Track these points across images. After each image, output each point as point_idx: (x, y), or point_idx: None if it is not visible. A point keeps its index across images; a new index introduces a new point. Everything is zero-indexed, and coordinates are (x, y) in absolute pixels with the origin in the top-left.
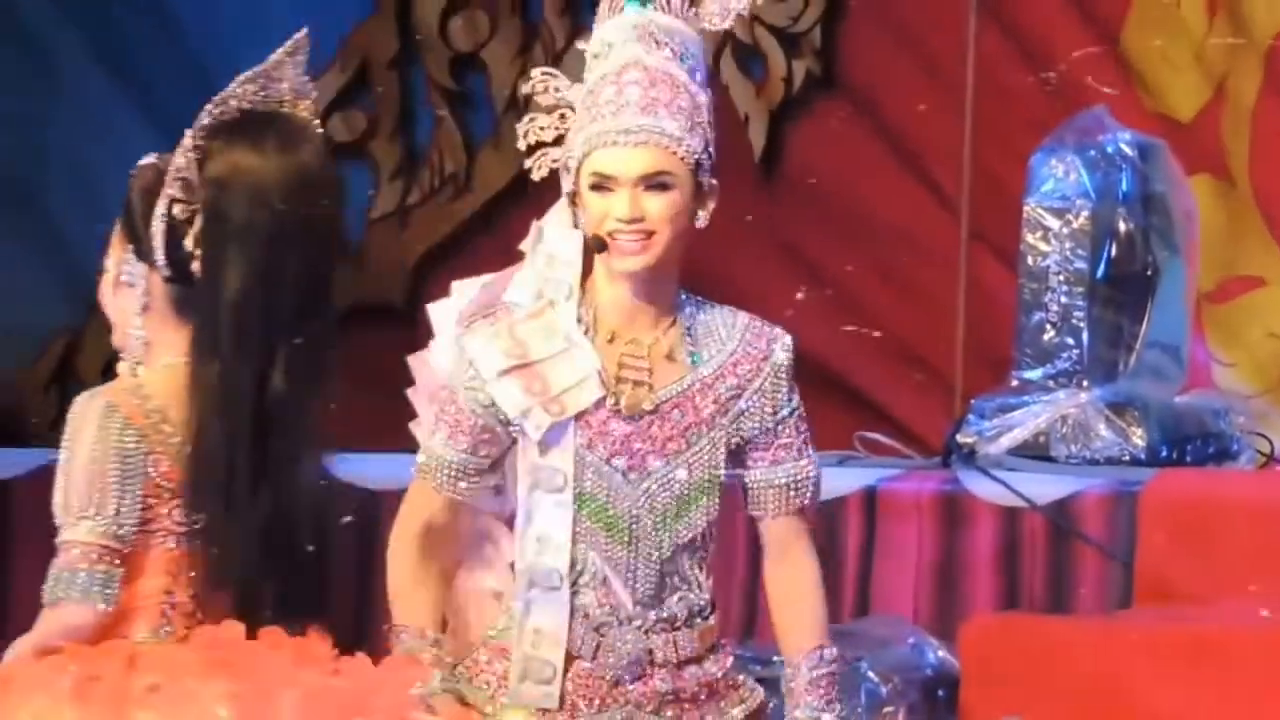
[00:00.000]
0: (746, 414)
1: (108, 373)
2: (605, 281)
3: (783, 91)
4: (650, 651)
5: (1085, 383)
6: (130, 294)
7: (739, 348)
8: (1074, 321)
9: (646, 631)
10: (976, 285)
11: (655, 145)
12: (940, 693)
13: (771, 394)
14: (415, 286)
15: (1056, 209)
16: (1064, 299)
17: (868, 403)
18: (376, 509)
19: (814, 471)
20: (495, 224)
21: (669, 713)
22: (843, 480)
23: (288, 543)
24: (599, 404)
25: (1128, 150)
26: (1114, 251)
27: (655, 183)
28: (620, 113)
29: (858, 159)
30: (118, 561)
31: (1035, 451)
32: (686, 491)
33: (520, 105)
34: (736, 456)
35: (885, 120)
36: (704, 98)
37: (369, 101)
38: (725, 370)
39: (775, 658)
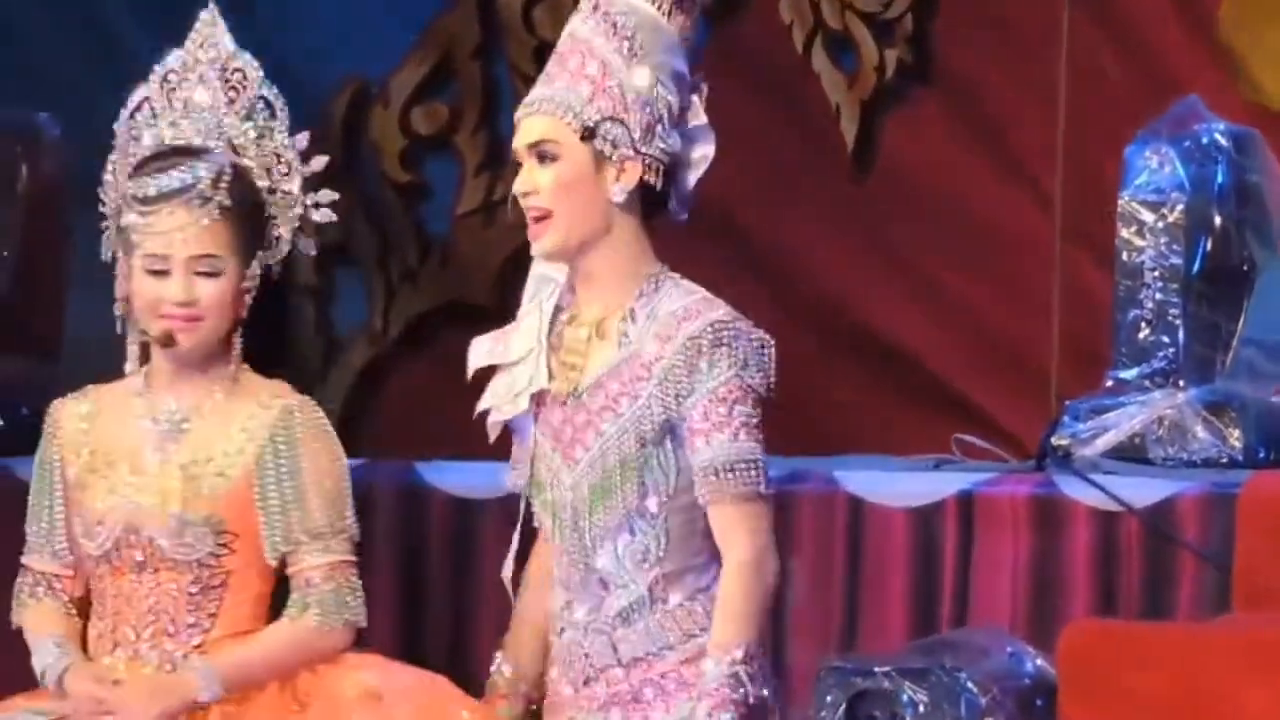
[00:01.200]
0: (659, 394)
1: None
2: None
3: (875, 81)
4: (587, 655)
5: (1181, 382)
6: (247, 301)
7: (663, 329)
8: (1169, 319)
9: (586, 631)
10: (1072, 282)
11: (541, 113)
12: (1038, 702)
13: (687, 370)
14: (502, 285)
15: (1151, 202)
16: (1159, 296)
17: (960, 403)
18: (470, 518)
19: (741, 457)
20: None
21: (614, 716)
22: (938, 485)
23: None
24: (544, 391)
25: (1222, 141)
26: (1209, 246)
27: (542, 152)
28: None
29: (951, 151)
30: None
31: (1131, 454)
32: (607, 477)
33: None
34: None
35: (979, 111)
36: (625, 68)
37: (451, 93)
38: (644, 350)
39: (876, 669)
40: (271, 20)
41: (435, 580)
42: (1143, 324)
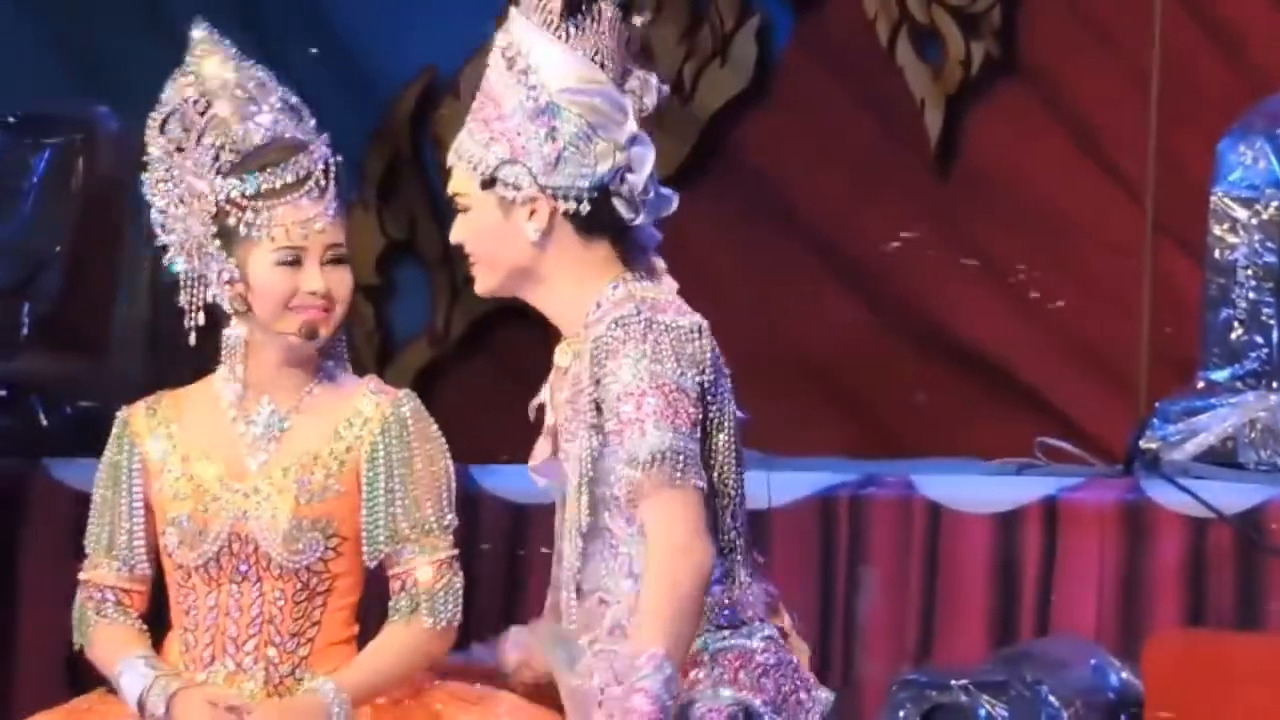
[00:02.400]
0: (577, 399)
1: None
2: None
3: (960, 75)
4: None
5: (1275, 384)
6: None
7: (584, 337)
8: (1263, 318)
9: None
10: (1162, 280)
11: (454, 165)
12: (1123, 716)
13: (597, 376)
14: None
15: (1245, 199)
16: (1252, 294)
17: (1045, 405)
18: (522, 523)
19: (653, 450)
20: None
21: None
22: (1021, 490)
23: None
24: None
25: None
26: None
27: (458, 204)
28: None
29: (1038, 146)
30: None
31: (1222, 458)
32: (575, 498)
33: (686, 90)
34: None
35: (1067, 105)
36: (521, 104)
37: None
38: (579, 370)
39: (953, 681)
40: (342, 11)
41: (487, 584)
42: (1235, 323)
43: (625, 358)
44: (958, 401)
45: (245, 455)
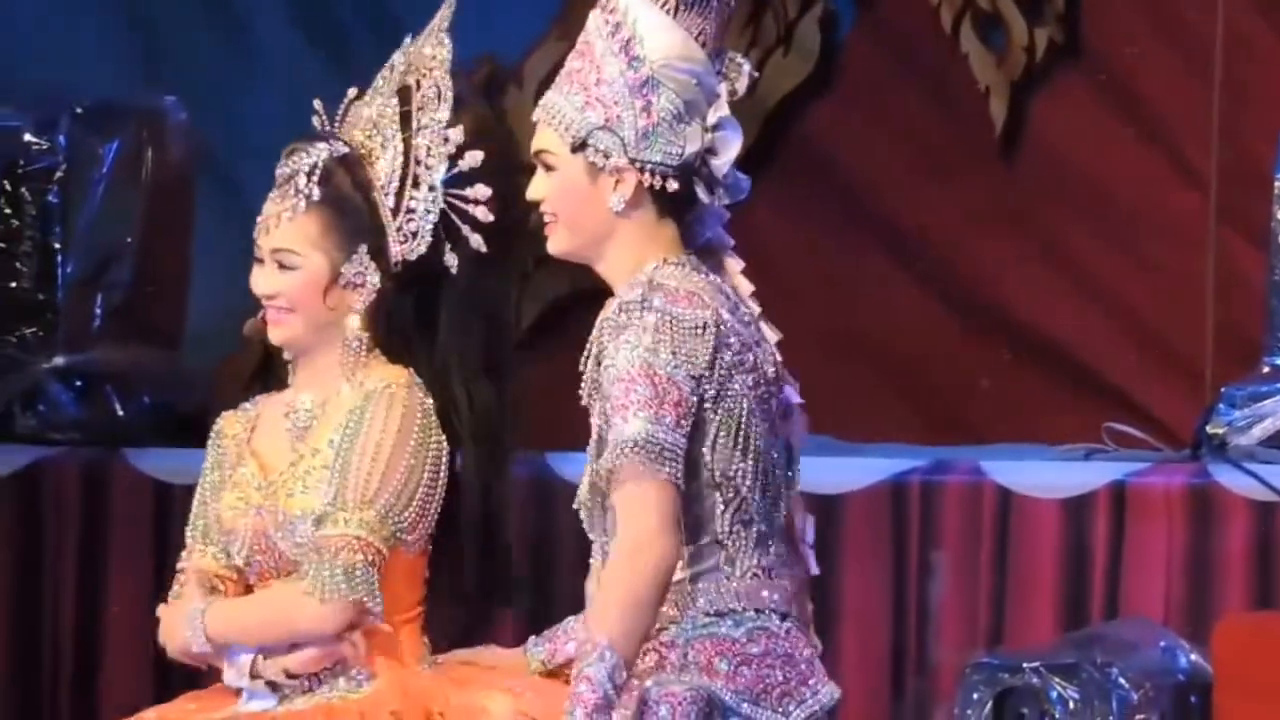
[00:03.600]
0: (588, 383)
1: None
2: None
3: (1024, 61)
4: None
5: None
6: (356, 294)
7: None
8: None
9: None
10: (1226, 266)
11: (544, 122)
12: (1193, 698)
13: (599, 358)
14: None
15: None
16: None
17: (1111, 391)
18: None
19: (629, 438)
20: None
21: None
22: (1089, 475)
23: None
24: None
25: None
26: None
27: (543, 161)
28: None
29: (1102, 133)
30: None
31: None
32: (596, 479)
33: (751, 79)
34: None
35: (1131, 91)
36: (622, 73)
37: None
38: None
39: (1025, 664)
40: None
41: (564, 571)
42: None
43: (625, 342)
44: (1025, 387)
45: (282, 453)
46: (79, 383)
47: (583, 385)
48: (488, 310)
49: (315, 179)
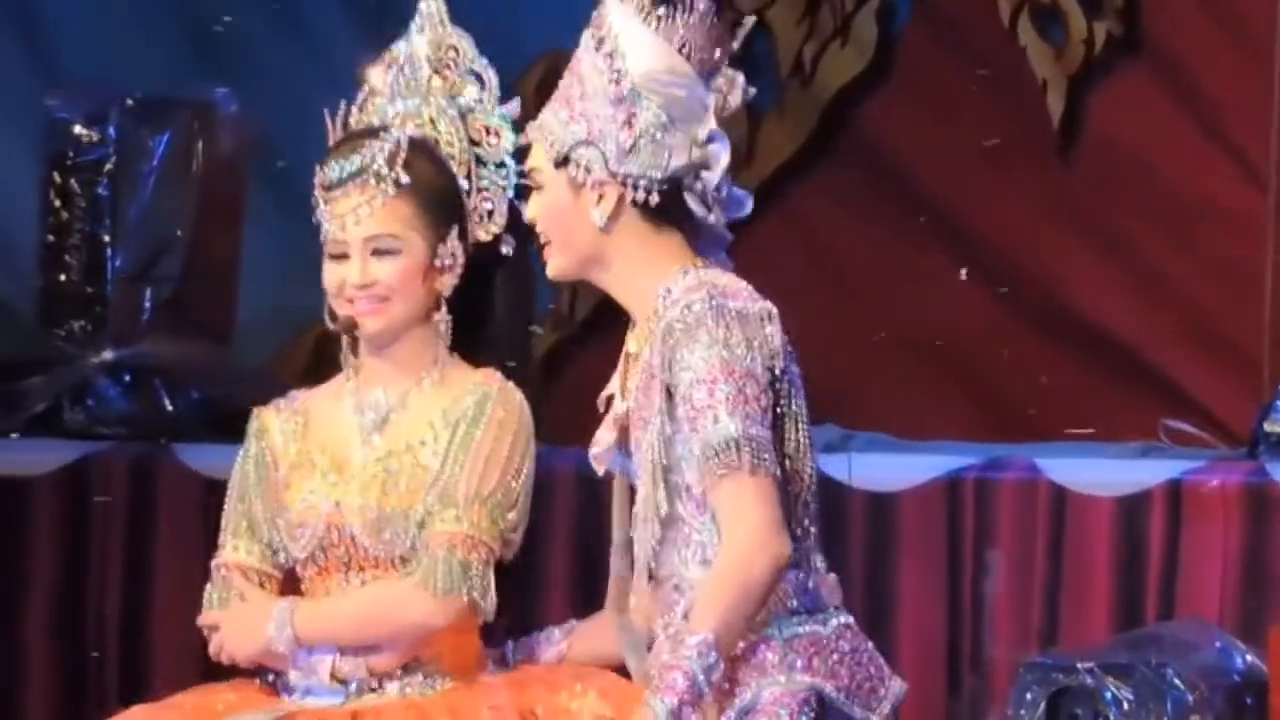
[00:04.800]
0: (649, 386)
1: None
2: None
3: (1083, 55)
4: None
5: None
6: (447, 277)
7: (654, 324)
8: None
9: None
10: None
11: (535, 140)
12: (1248, 699)
13: (670, 362)
14: None
15: None
16: None
17: (1168, 387)
18: None
19: (724, 437)
20: (779, 198)
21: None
22: (1145, 473)
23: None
24: None
25: None
26: None
27: (533, 180)
28: None
29: (1161, 127)
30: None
31: None
32: (649, 488)
33: (806, 71)
34: None
35: (1190, 85)
36: (603, 87)
37: None
38: (651, 357)
39: (1079, 664)
40: None
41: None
42: None
43: (697, 344)
44: (1081, 383)
45: (353, 446)
46: (128, 377)
47: (621, 396)
48: (521, 295)
49: (398, 164)
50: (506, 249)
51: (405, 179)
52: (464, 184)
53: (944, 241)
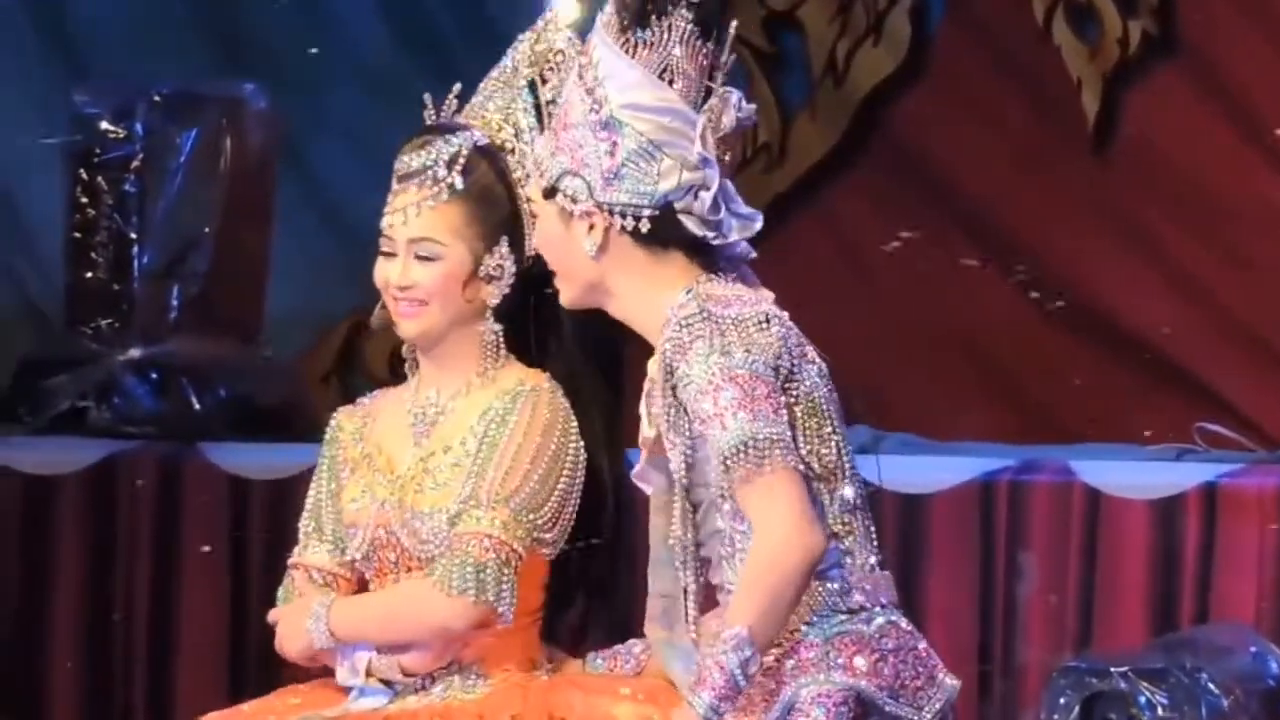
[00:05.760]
0: (673, 412)
1: (396, 365)
2: None
3: (1118, 54)
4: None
5: None
6: (493, 288)
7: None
8: None
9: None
10: None
11: (528, 171)
12: None
13: (671, 378)
14: None
15: None
16: None
17: (1204, 389)
18: None
19: (739, 440)
20: (812, 198)
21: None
22: (1180, 476)
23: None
24: None
25: None
26: None
27: (530, 212)
28: None
29: (1195, 126)
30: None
31: None
32: (684, 505)
33: (839, 69)
34: None
35: (1225, 84)
36: (585, 116)
37: None
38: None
39: (1113, 668)
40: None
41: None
42: None
43: (695, 355)
44: (1116, 385)
45: (405, 447)
46: (154, 375)
47: (649, 420)
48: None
49: (458, 168)
50: None
51: (460, 184)
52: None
53: (978, 240)
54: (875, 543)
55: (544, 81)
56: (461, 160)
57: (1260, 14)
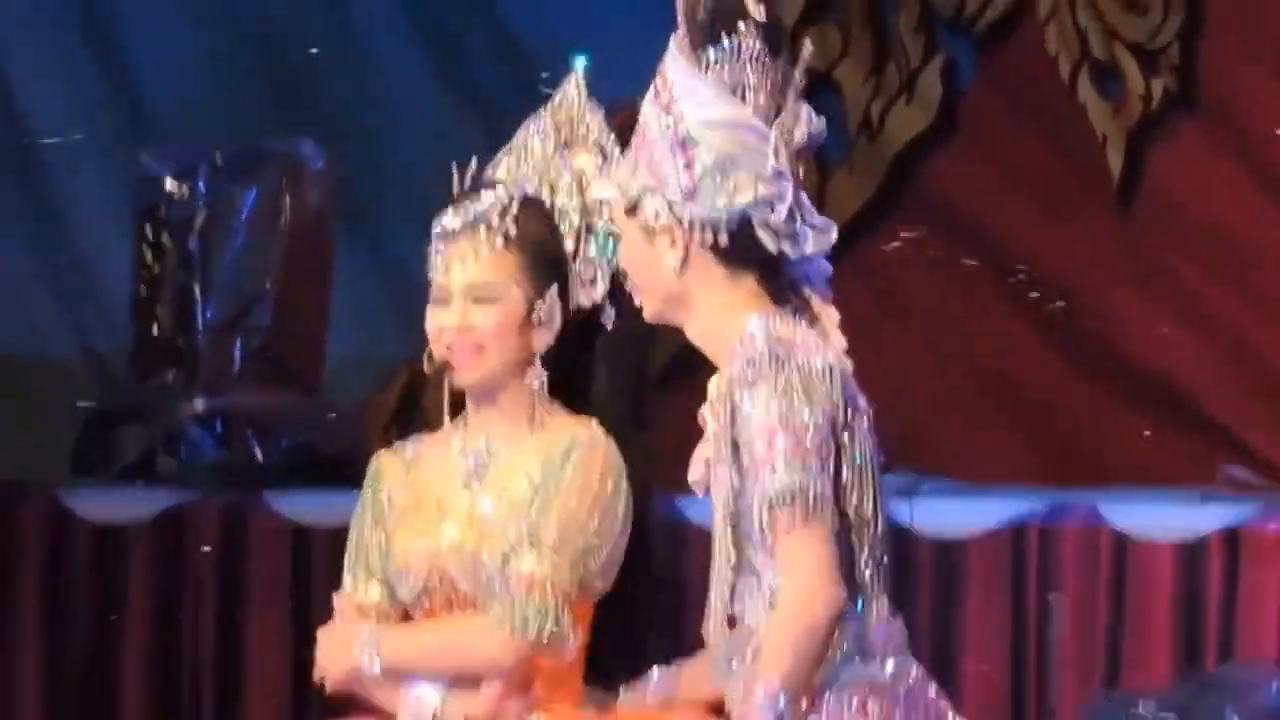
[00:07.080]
0: (727, 446)
1: (457, 414)
2: None
3: (1140, 110)
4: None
5: None
6: (543, 334)
7: (725, 372)
8: None
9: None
10: None
11: (611, 191)
12: None
13: (731, 416)
14: None
15: None
16: None
17: (1227, 433)
18: None
19: (780, 489)
20: (849, 252)
21: None
22: (1204, 519)
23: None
24: None
25: None
26: None
27: (612, 231)
28: None
29: (1220, 182)
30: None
31: None
32: (721, 531)
33: (873, 127)
34: None
35: (1247, 140)
36: (662, 134)
37: None
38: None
39: (1140, 706)
40: (537, 35)
41: (693, 613)
42: None
43: (757, 395)
44: (1141, 429)
45: (456, 491)
46: (219, 426)
47: (706, 443)
48: (633, 359)
49: (510, 217)
50: (606, 321)
51: (513, 231)
52: (570, 246)
53: (1008, 292)
54: (891, 588)
55: (576, 142)
56: (514, 210)
57: (1277, 68)
